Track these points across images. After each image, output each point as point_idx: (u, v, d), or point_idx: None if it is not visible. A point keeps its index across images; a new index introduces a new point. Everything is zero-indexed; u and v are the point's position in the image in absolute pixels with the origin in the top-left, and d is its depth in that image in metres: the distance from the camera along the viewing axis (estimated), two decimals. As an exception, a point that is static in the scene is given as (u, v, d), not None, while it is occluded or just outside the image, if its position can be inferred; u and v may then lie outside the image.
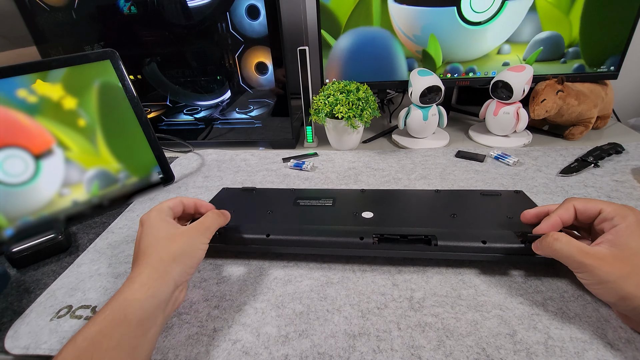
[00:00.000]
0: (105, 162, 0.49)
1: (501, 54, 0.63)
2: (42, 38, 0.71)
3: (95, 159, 0.48)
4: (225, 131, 0.77)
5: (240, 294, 0.38)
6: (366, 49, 0.64)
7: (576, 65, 0.62)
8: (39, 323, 0.36)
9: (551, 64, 0.62)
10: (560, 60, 0.63)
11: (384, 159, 0.66)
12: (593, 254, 0.31)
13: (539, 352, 0.30)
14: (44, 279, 0.43)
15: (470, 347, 0.31)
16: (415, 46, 0.63)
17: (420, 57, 0.65)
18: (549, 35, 0.60)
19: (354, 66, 0.66)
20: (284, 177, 0.62)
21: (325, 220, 0.44)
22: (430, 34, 0.61)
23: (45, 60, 0.49)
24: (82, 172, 0.47)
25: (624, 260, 0.29)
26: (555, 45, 0.61)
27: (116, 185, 0.50)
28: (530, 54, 0.63)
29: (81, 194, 0.47)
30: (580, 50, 0.61)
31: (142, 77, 0.73)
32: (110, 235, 0.49)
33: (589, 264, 0.30)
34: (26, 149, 0.43)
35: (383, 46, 0.63)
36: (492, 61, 0.64)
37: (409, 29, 0.62)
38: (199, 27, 0.67)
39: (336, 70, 0.67)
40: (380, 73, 0.66)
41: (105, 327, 0.27)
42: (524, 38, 0.61)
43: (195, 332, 0.34)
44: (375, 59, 0.64)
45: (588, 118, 0.67)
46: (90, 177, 0.48)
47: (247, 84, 0.71)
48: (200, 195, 0.58)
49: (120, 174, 0.50)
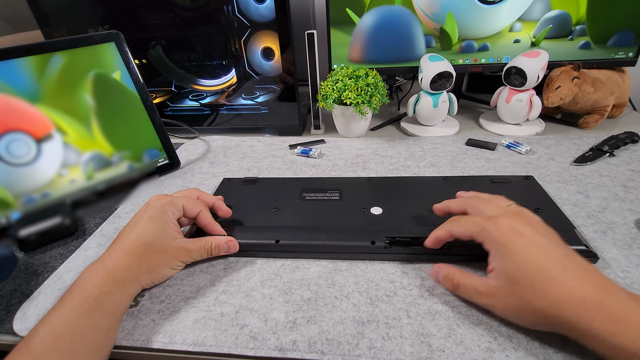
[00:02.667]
0: (100, 146, 0.53)
1: (513, 31, 0.66)
2: (46, 22, 0.69)
3: (90, 143, 0.52)
4: (231, 117, 0.76)
5: (247, 280, 0.38)
6: (388, 26, 0.67)
7: (583, 42, 0.65)
8: (47, 305, 0.36)
9: (559, 41, 0.65)
10: (567, 37, 0.65)
11: (392, 147, 0.64)
12: (485, 293, 0.31)
13: (552, 342, 0.29)
14: (52, 262, 0.43)
15: (482, 335, 0.30)
16: (433, 24, 0.66)
17: (437, 34, 0.68)
18: (557, 14, 0.63)
19: (376, 43, 0.69)
20: (291, 164, 0.61)
21: (334, 219, 0.43)
22: (447, 12, 0.65)
23: (49, 42, 0.48)
24: (79, 155, 0.51)
25: (510, 293, 0.29)
26: (564, 23, 0.64)
27: (110, 167, 0.54)
28: (540, 31, 0.65)
29: (78, 174, 0.51)
30: (586, 28, 0.64)
31: (147, 62, 0.72)
32: (117, 219, 0.49)
33: (487, 304, 0.31)
34: (29, 134, 0.47)
35: (403, 24, 0.67)
36: (504, 38, 0.66)
37: (428, 8, 0.65)
38: (204, 10, 0.65)
39: (359, 46, 0.70)
40: (399, 50, 0.69)
41: (83, 312, 0.30)
42: (535, 16, 0.64)
43: (203, 316, 0.34)
44: (396, 36, 0.68)
45: (604, 106, 0.65)
46: (86, 160, 0.51)
47: (253, 69, 0.70)
48: (206, 181, 0.57)
49: (114, 157, 0.54)
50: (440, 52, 0.69)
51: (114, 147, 0.54)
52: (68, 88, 0.50)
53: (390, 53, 0.70)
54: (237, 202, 0.48)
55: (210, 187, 0.55)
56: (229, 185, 0.53)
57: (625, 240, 0.39)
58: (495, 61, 0.69)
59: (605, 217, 0.43)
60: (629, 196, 0.46)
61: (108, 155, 0.53)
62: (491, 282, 0.30)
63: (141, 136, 0.57)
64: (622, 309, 0.25)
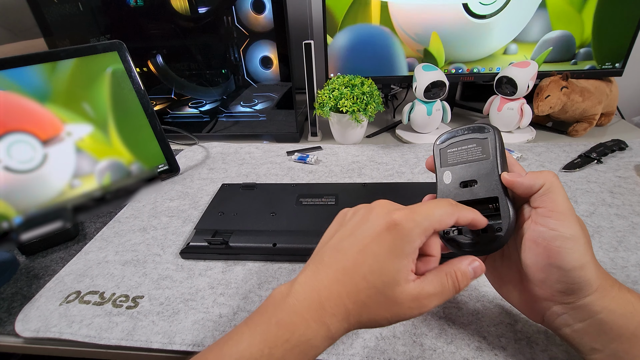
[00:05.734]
0: (118, 153, 0.47)
1: (507, 54, 0.59)
2: (48, 30, 0.71)
3: (107, 149, 0.47)
4: (230, 124, 0.77)
5: (245, 282, 0.39)
6: (365, 47, 0.60)
7: (588, 66, 0.59)
8: (48, 307, 0.37)
9: (561, 65, 0.59)
10: (570, 61, 0.59)
11: (387, 153, 0.66)
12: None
13: (539, 341, 0.30)
14: (53, 265, 0.43)
15: (472, 335, 0.31)
16: (416, 45, 0.60)
17: (421, 57, 0.62)
18: (559, 35, 0.56)
19: (354, 64, 0.64)
20: (288, 170, 0.62)
21: (330, 223, 0.44)
22: (432, 32, 0.58)
23: (54, 51, 0.49)
24: (94, 163, 0.46)
25: None
26: (566, 45, 0.57)
27: (129, 177, 0.49)
28: (538, 54, 0.59)
29: (93, 185, 0.46)
30: (592, 51, 0.57)
31: (147, 70, 0.73)
32: (117, 224, 0.50)
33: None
34: (33, 134, 0.42)
35: (382, 45, 0.60)
36: (498, 61, 0.60)
37: (410, 27, 0.59)
38: (205, 20, 0.67)
39: (334, 67, 0.66)
40: (379, 71, 0.65)
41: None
42: (533, 37, 0.57)
43: (201, 317, 0.35)
44: (375, 57, 0.62)
45: (592, 115, 0.67)
46: (102, 168, 0.46)
47: (252, 77, 0.72)
48: (205, 187, 0.58)
49: (133, 165, 0.48)
50: None
51: (134, 155, 0.47)
52: (83, 86, 0.46)
53: (369, 74, 0.65)
54: (235, 207, 0.49)
55: (209, 193, 0.56)
56: (227, 190, 0.54)
57: (612, 243, 0.41)
58: (486, 71, 0.71)
59: (593, 222, 0.44)
60: (615, 201, 0.48)
61: (127, 163, 0.47)
62: None
63: (143, 142, 0.57)
64: None
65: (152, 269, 0.41)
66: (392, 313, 0.24)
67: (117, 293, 0.38)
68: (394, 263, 0.24)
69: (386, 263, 0.24)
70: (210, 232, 0.44)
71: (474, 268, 0.26)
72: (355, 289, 0.24)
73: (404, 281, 0.24)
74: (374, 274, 0.24)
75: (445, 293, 0.25)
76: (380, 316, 0.24)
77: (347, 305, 0.23)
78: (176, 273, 0.41)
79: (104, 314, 0.36)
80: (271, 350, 0.22)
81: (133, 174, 0.48)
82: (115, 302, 0.37)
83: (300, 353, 0.22)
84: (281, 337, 0.22)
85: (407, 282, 0.24)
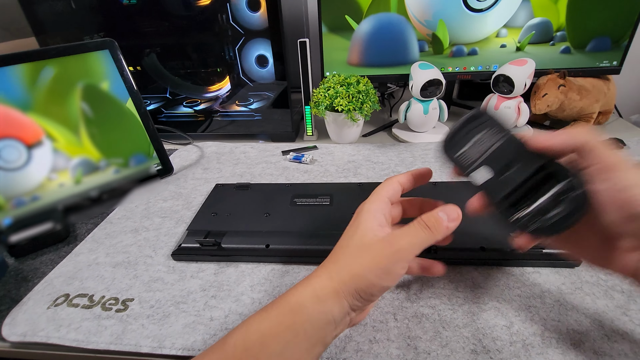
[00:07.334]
0: (88, 152, 0.54)
1: (499, 37, 0.69)
2: (41, 29, 0.70)
3: (79, 149, 0.53)
4: (225, 124, 0.77)
5: (238, 285, 0.38)
6: (384, 32, 0.71)
7: (563, 47, 0.68)
8: (36, 311, 0.36)
9: (542, 46, 0.69)
10: (549, 43, 0.68)
11: (383, 153, 0.65)
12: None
13: (535, 344, 0.30)
14: (42, 267, 0.43)
15: (467, 337, 0.31)
16: (426, 30, 0.70)
17: (430, 40, 0.71)
18: (539, 21, 0.67)
19: (373, 47, 0.72)
20: (283, 170, 0.61)
21: (324, 224, 0.44)
22: (439, 19, 0.68)
23: (42, 49, 0.48)
24: (67, 160, 0.52)
25: None
26: (545, 29, 0.67)
27: (98, 172, 0.55)
28: (524, 37, 0.69)
29: (67, 179, 0.52)
30: (566, 34, 0.67)
31: (141, 69, 0.72)
32: (109, 225, 0.49)
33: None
34: (20, 140, 0.48)
35: (399, 30, 0.71)
36: (492, 43, 0.70)
37: (421, 15, 0.68)
38: (199, 18, 0.66)
39: (357, 50, 0.73)
40: (395, 54, 0.73)
41: (274, 326, 0.25)
42: (519, 23, 0.68)
43: (192, 320, 0.34)
44: (392, 40, 0.72)
45: (590, 113, 0.67)
46: (74, 165, 0.53)
47: (247, 76, 0.71)
48: (199, 187, 0.57)
49: (101, 162, 0.55)
50: (432, 56, 0.71)
51: (102, 153, 0.55)
52: (58, 97, 0.51)
53: (386, 57, 0.73)
54: (229, 207, 0.48)
55: (202, 193, 0.55)
56: (221, 191, 0.53)
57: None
58: (484, 69, 0.71)
59: (590, 222, 0.44)
60: (613, 201, 0.47)
61: (96, 160, 0.54)
62: None
63: (131, 142, 0.57)
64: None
65: (143, 271, 0.40)
66: (372, 263, 0.26)
67: (106, 296, 0.37)
68: (362, 217, 0.29)
69: (357, 221, 0.29)
70: (203, 233, 0.43)
71: (446, 211, 0.27)
72: (333, 254, 0.29)
73: (374, 229, 0.28)
74: (346, 236, 0.29)
75: (418, 235, 0.27)
76: (364, 270, 0.26)
77: (330, 272, 0.27)
78: (167, 275, 0.40)
79: (92, 317, 0.35)
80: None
81: (102, 169, 0.55)
82: (105, 305, 0.36)
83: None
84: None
85: (377, 229, 0.28)
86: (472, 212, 0.29)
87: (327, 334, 0.26)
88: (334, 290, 0.26)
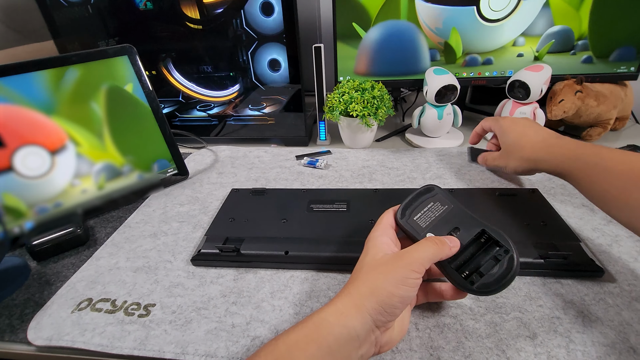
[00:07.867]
0: (111, 157, 0.54)
1: (516, 45, 0.67)
2: (57, 33, 0.71)
3: (102, 153, 0.53)
4: (238, 127, 0.77)
5: (258, 291, 0.38)
6: (393, 40, 0.69)
7: (585, 56, 0.66)
8: (60, 315, 0.37)
9: (562, 55, 0.67)
10: (570, 52, 0.66)
11: (398, 158, 0.65)
12: (498, 158, 0.52)
13: (560, 356, 0.30)
14: (64, 271, 0.43)
15: (490, 348, 0.31)
16: (438, 38, 0.68)
17: (442, 48, 0.69)
18: (560, 29, 0.65)
19: (382, 56, 0.71)
20: (298, 175, 0.62)
21: (342, 231, 0.44)
22: (452, 27, 0.66)
23: (65, 56, 0.49)
24: (91, 165, 0.52)
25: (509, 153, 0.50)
26: (566, 38, 0.65)
27: (121, 177, 0.55)
28: (542, 46, 0.66)
29: (90, 184, 0.52)
30: (588, 42, 0.65)
31: (156, 73, 0.73)
32: (127, 229, 0.50)
33: (499, 165, 0.52)
34: (43, 146, 0.48)
35: (409, 38, 0.68)
36: (508, 52, 0.68)
37: (432, 23, 0.66)
38: (213, 23, 0.67)
39: (365, 59, 0.71)
40: (405, 63, 0.71)
41: (301, 339, 0.26)
42: (537, 31, 0.66)
43: (214, 327, 0.34)
44: (401, 49, 0.70)
45: (607, 119, 0.66)
46: (97, 170, 0.53)
47: (260, 80, 0.71)
48: (214, 191, 0.58)
49: (125, 167, 0.55)
50: (444, 65, 0.70)
51: (125, 157, 0.55)
52: (82, 100, 0.51)
53: (395, 66, 0.71)
54: (245, 213, 0.48)
55: (218, 198, 0.56)
56: (237, 195, 0.53)
57: (631, 253, 0.40)
58: (499, 75, 0.70)
59: (611, 231, 0.44)
60: (633, 210, 0.47)
61: (119, 165, 0.54)
62: (500, 152, 0.52)
63: (151, 147, 0.58)
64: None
65: (164, 276, 0.41)
66: (388, 275, 0.28)
67: (128, 301, 0.38)
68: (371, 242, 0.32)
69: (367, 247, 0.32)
70: (221, 238, 0.43)
71: (448, 238, 0.32)
72: (351, 277, 0.31)
73: (385, 250, 0.31)
74: (359, 261, 0.32)
75: (428, 248, 0.30)
76: (381, 281, 0.28)
77: (350, 290, 0.29)
78: (187, 280, 0.40)
79: (116, 322, 0.35)
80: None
81: (125, 175, 0.55)
82: (127, 310, 0.37)
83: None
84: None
85: (387, 249, 0.31)
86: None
87: (351, 352, 0.26)
88: (354, 305, 0.27)
